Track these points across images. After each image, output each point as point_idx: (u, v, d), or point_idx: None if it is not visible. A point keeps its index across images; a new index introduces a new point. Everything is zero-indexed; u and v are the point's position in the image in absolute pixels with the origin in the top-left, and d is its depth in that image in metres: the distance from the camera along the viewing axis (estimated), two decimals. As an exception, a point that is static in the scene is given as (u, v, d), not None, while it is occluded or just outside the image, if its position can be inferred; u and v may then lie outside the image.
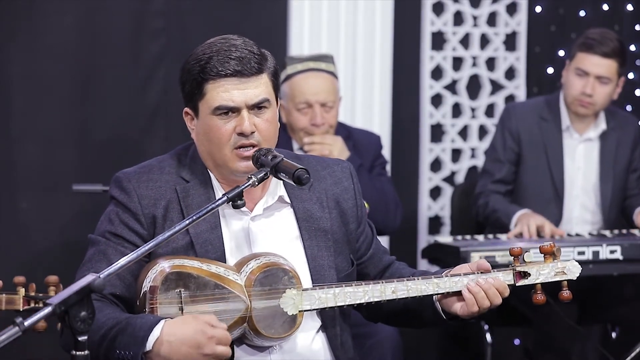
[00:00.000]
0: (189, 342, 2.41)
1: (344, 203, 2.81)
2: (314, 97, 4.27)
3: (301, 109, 4.29)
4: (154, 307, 2.49)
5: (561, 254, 2.78)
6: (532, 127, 4.63)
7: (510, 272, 2.73)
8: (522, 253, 2.73)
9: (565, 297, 2.75)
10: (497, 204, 4.55)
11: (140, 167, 2.74)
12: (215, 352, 2.42)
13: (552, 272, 2.75)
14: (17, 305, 2.71)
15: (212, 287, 2.52)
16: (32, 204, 4.64)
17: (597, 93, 4.49)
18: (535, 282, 2.74)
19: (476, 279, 2.67)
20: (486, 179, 4.66)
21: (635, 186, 4.70)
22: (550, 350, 4.39)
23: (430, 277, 2.68)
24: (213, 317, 2.46)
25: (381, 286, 2.63)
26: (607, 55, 4.47)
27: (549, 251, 2.76)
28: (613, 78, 4.50)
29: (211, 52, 2.61)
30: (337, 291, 2.61)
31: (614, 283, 4.45)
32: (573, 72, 4.52)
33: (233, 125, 2.62)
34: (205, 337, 2.41)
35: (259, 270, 2.56)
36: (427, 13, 5.28)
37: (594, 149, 4.66)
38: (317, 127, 4.28)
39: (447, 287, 2.67)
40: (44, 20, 4.62)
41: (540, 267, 2.74)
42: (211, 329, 2.42)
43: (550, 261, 2.76)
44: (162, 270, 2.50)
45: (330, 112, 4.31)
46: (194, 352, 2.41)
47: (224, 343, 2.44)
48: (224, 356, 2.45)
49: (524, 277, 2.73)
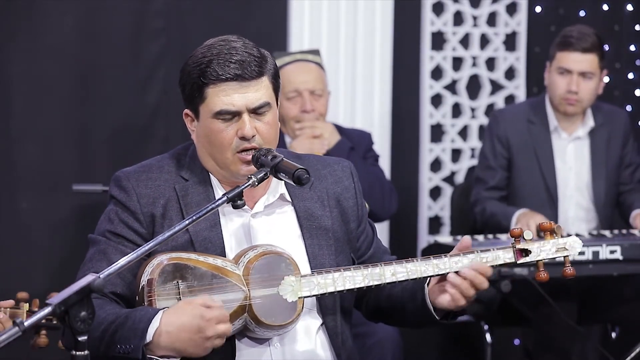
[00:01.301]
0: (189, 329, 2.41)
1: (344, 202, 2.81)
2: (303, 85, 4.39)
3: (291, 98, 4.39)
4: (152, 300, 2.49)
5: (561, 231, 2.76)
6: (521, 131, 4.63)
7: (511, 250, 2.71)
8: (522, 233, 2.71)
9: (568, 273, 2.72)
10: (495, 208, 4.56)
11: (140, 166, 2.74)
12: (217, 332, 2.43)
13: (554, 249, 2.72)
14: None
15: (209, 278, 2.52)
16: (32, 204, 4.64)
17: (582, 89, 4.50)
18: (537, 260, 2.71)
19: (476, 258, 2.66)
20: (480, 186, 4.67)
21: (629, 181, 4.70)
22: (550, 350, 4.38)
23: (429, 258, 2.66)
24: (207, 297, 2.46)
25: (380, 269, 2.62)
26: (587, 50, 4.48)
27: (549, 228, 2.73)
28: (596, 72, 4.51)
29: (211, 55, 2.61)
30: (336, 276, 2.60)
31: (614, 283, 4.45)
32: (555, 72, 4.53)
33: (234, 129, 2.62)
34: (204, 320, 2.41)
35: (256, 259, 2.56)
36: (427, 13, 5.28)
37: (584, 147, 4.66)
38: (307, 113, 4.38)
39: (447, 268, 2.65)
40: (44, 20, 4.62)
41: (541, 244, 2.71)
42: (208, 311, 2.42)
43: (550, 238, 2.73)
44: (160, 263, 2.51)
45: (320, 100, 4.42)
46: (196, 337, 2.41)
47: (224, 320, 2.44)
48: (227, 333, 2.46)
49: (525, 256, 2.71)
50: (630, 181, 4.70)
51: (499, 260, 2.70)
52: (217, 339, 2.44)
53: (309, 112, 4.38)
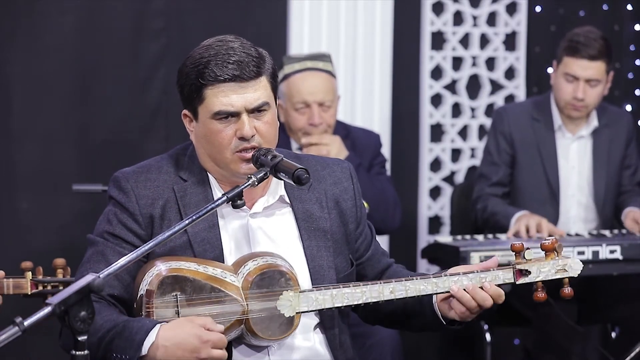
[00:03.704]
0: (185, 347, 2.41)
1: (343, 203, 2.81)
2: (311, 97, 4.26)
3: (299, 109, 4.28)
4: (150, 311, 2.49)
5: (562, 250, 2.75)
6: (525, 129, 4.63)
7: (511, 270, 2.71)
8: (524, 249, 2.71)
9: (566, 294, 2.72)
10: (496, 207, 4.55)
11: (139, 166, 2.74)
12: (211, 355, 2.42)
13: (553, 270, 2.72)
14: (25, 290, 2.71)
15: (208, 290, 2.52)
16: (32, 204, 4.64)
17: (588, 96, 4.49)
18: (536, 280, 2.71)
19: (476, 277, 2.66)
20: (483, 182, 4.67)
21: (629, 182, 4.70)
22: (550, 350, 4.38)
23: (428, 277, 2.67)
24: (209, 320, 2.46)
25: (379, 287, 2.62)
26: (594, 57, 4.45)
27: (551, 248, 2.72)
28: (602, 78, 4.50)
29: (209, 55, 2.60)
30: (335, 292, 2.60)
31: (614, 283, 4.45)
32: (562, 77, 4.51)
33: (233, 129, 2.62)
34: (201, 341, 2.41)
35: (255, 273, 2.56)
36: (427, 13, 5.28)
37: (587, 146, 4.66)
38: (315, 127, 4.26)
39: (446, 287, 2.65)
40: (44, 20, 4.62)
41: (541, 264, 2.71)
42: (206, 334, 2.42)
43: (551, 258, 2.72)
44: (159, 274, 2.50)
45: (328, 111, 4.30)
46: (190, 356, 2.41)
47: (220, 346, 2.44)
48: (221, 359, 2.45)
49: (524, 275, 2.71)
50: (629, 183, 4.70)
51: (499, 280, 2.69)
52: None
53: (317, 126, 4.27)
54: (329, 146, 4.24)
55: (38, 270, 2.76)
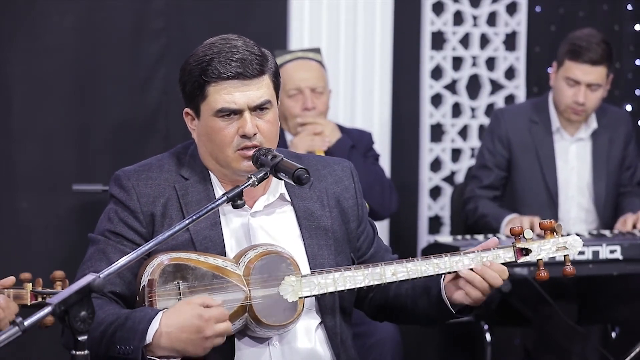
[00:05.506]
0: (189, 329, 2.41)
1: (344, 202, 2.81)
2: (304, 83, 4.42)
3: (292, 95, 4.42)
4: (152, 300, 2.49)
5: (561, 229, 2.76)
6: (523, 131, 4.62)
7: (511, 250, 2.71)
8: (523, 232, 2.72)
9: (569, 272, 2.72)
10: (486, 209, 4.55)
11: (140, 165, 2.75)
12: (216, 331, 2.43)
13: (554, 248, 2.73)
14: (25, 300, 2.71)
15: (210, 278, 2.52)
16: (32, 204, 4.63)
17: (588, 100, 4.48)
18: (537, 259, 2.72)
19: (476, 257, 2.66)
20: (474, 184, 4.67)
21: (628, 183, 4.70)
22: (550, 350, 4.39)
23: (429, 257, 2.67)
24: (206, 297, 2.46)
25: (380, 269, 2.63)
26: (596, 62, 4.42)
27: (549, 227, 2.73)
28: (603, 83, 4.48)
29: (212, 53, 2.61)
30: (337, 275, 2.60)
31: (614, 283, 4.45)
32: (563, 81, 4.49)
33: (235, 127, 2.62)
34: (203, 319, 2.41)
35: (256, 259, 2.56)
36: (427, 13, 5.28)
37: (586, 148, 4.65)
38: (308, 111, 4.40)
39: (447, 267, 2.65)
40: (44, 20, 4.62)
41: (541, 243, 2.72)
42: (207, 311, 2.42)
43: (551, 237, 2.74)
44: (160, 263, 2.51)
45: (321, 98, 4.44)
46: (195, 336, 2.42)
47: (223, 319, 2.44)
48: (226, 332, 2.46)
49: (525, 254, 2.71)
50: (629, 183, 4.70)
51: (500, 260, 2.70)
52: (217, 338, 2.44)
53: (310, 110, 4.40)
54: (323, 126, 4.38)
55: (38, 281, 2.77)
